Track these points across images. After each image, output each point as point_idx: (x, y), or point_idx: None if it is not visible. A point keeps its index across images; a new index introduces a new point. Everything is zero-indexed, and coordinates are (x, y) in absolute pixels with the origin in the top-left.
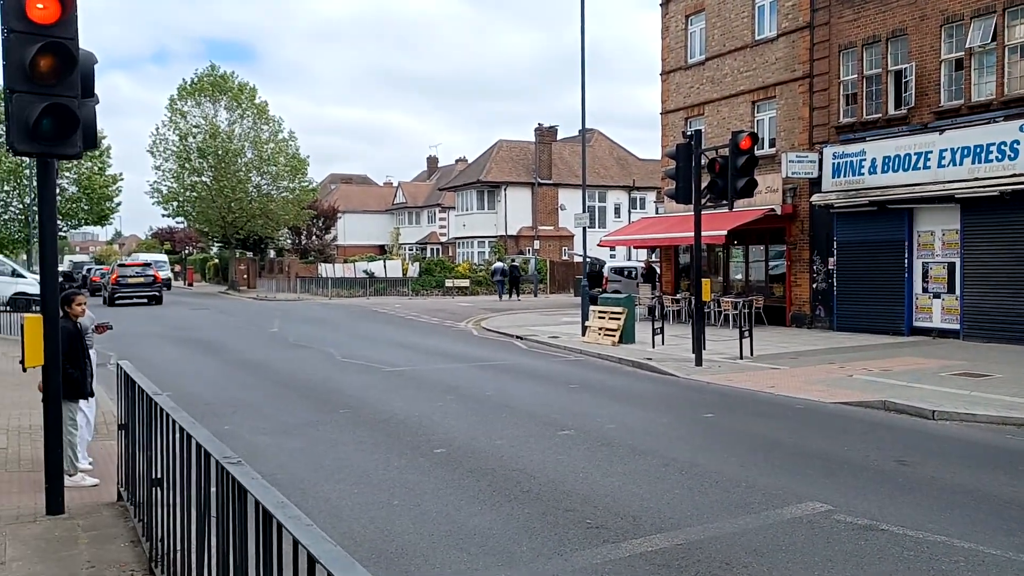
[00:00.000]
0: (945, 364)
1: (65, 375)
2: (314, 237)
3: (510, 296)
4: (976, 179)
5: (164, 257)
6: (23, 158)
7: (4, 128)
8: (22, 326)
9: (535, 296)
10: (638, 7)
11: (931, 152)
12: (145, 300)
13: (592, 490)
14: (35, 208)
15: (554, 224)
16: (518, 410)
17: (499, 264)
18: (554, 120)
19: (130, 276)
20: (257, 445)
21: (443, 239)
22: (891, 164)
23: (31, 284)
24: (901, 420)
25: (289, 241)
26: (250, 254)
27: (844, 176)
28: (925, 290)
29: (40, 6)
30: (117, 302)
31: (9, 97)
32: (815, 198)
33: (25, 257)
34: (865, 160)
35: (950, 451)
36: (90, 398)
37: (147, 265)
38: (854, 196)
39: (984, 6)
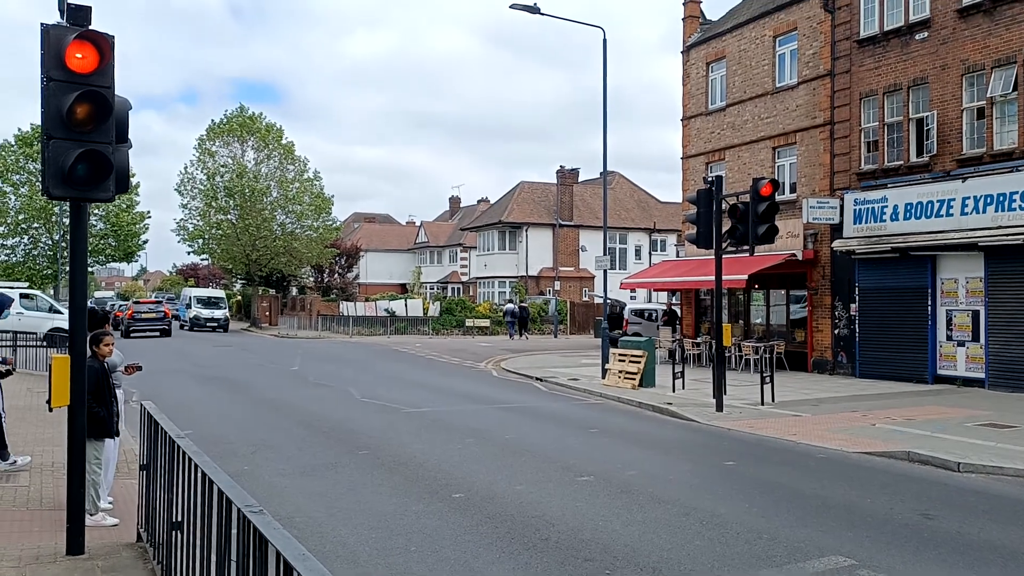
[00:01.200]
0: (970, 414)
1: (91, 414)
2: (336, 275)
3: (520, 335)
4: (1000, 227)
5: (222, 294)
6: None
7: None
8: (50, 365)
9: (555, 337)
10: (661, 51)
11: (954, 200)
12: (157, 333)
13: (612, 539)
14: (63, 244)
15: (575, 265)
16: (537, 454)
17: (510, 306)
18: (576, 161)
19: (143, 312)
20: (276, 486)
21: (464, 279)
22: (913, 211)
23: (67, 320)
24: (925, 471)
25: (312, 279)
26: (273, 291)
27: (866, 222)
28: (949, 338)
29: (79, 56)
30: (132, 335)
31: (46, 143)
32: (836, 244)
33: (52, 292)
34: (887, 207)
35: (976, 505)
36: (115, 438)
37: (158, 303)
38: (876, 242)
39: (1005, 56)
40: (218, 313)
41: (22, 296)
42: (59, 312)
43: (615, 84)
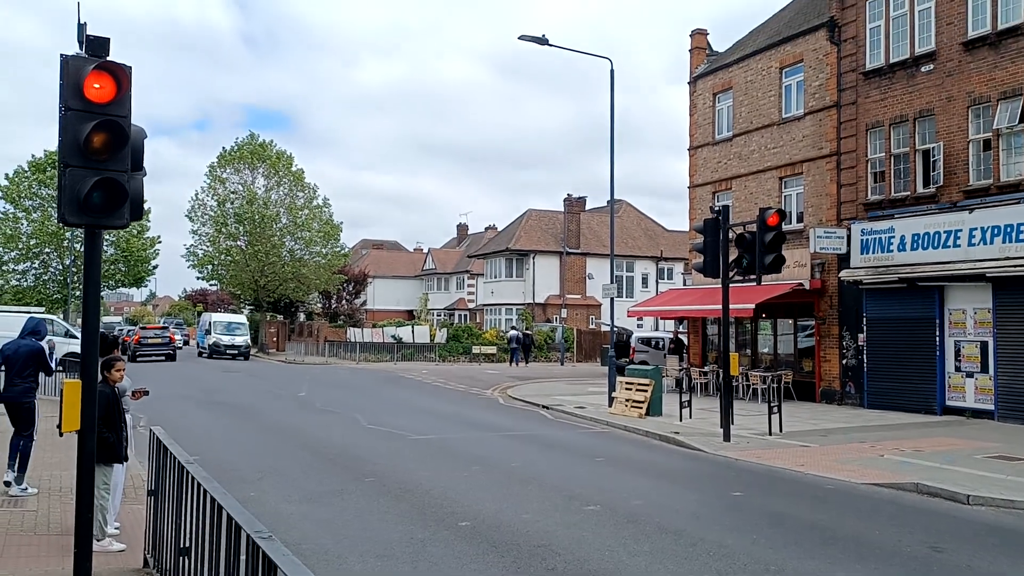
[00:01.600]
0: (979, 446)
1: (100, 439)
2: (344, 301)
3: (526, 362)
4: (1007, 258)
5: (243, 319)
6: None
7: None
8: (61, 390)
9: (561, 364)
10: (669, 80)
11: (961, 231)
12: (163, 358)
13: (618, 569)
14: (74, 269)
15: (581, 293)
16: (544, 483)
17: (514, 332)
18: (584, 189)
19: (150, 337)
20: (282, 513)
21: (471, 305)
22: (920, 242)
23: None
24: (934, 504)
25: (320, 305)
26: (280, 317)
27: (873, 252)
28: (958, 369)
29: (97, 86)
30: (139, 359)
31: (63, 171)
32: (844, 274)
33: (63, 316)
34: (894, 237)
35: (986, 538)
36: (124, 463)
37: (164, 328)
38: (883, 273)
39: (1011, 88)
40: (239, 339)
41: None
42: (75, 337)
43: (623, 111)
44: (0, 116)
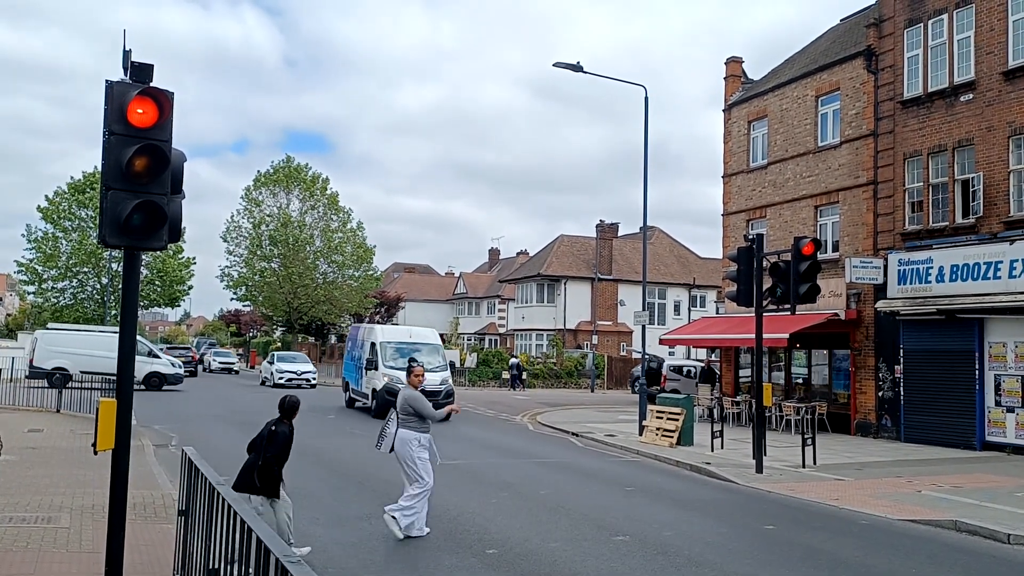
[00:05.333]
0: (1021, 484)
1: (273, 475)
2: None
3: (523, 387)
4: None
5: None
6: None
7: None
8: (97, 408)
9: (592, 391)
10: (705, 105)
11: (1001, 262)
12: (187, 374)
13: None
14: (110, 289)
15: (613, 319)
16: (573, 511)
17: (514, 360)
18: (617, 214)
19: (176, 356)
20: (310, 536)
21: (501, 330)
22: (959, 273)
23: (164, 364)
24: (973, 542)
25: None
26: (312, 339)
27: (910, 283)
28: (998, 403)
29: (140, 111)
30: None
31: (105, 193)
32: (880, 304)
33: None
34: (932, 268)
35: None
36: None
37: (187, 348)
38: (921, 304)
39: None
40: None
41: None
42: (157, 356)
43: (661, 136)
44: (47, 136)
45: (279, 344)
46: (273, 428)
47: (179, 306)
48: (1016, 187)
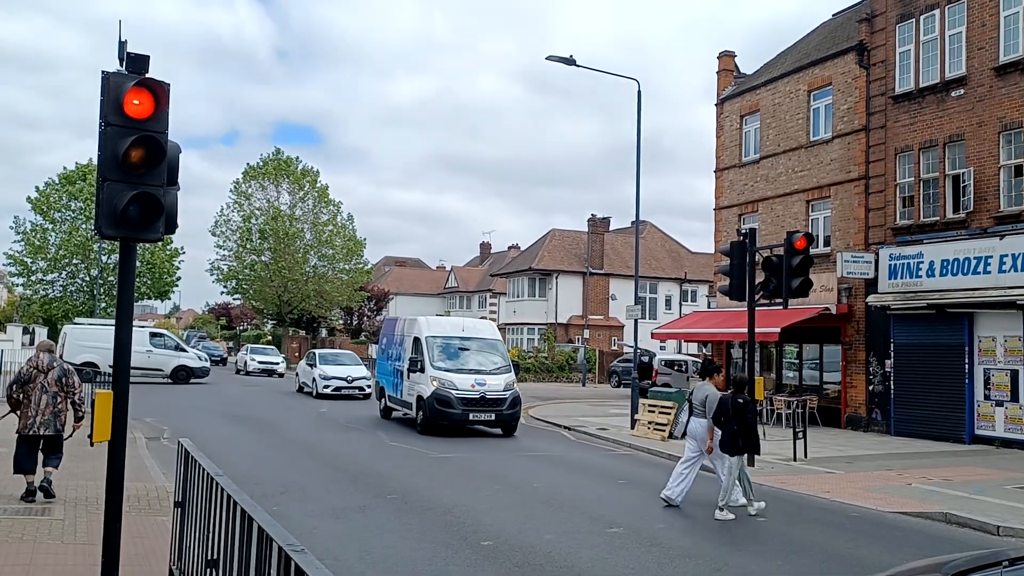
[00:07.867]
0: (1010, 476)
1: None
2: (366, 318)
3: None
4: None
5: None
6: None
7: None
8: (93, 400)
9: (583, 385)
10: (698, 99)
11: (991, 257)
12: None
13: None
14: (100, 280)
15: (604, 314)
16: (566, 504)
17: None
18: (609, 208)
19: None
20: (306, 528)
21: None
22: (950, 268)
23: (191, 358)
24: (964, 534)
25: (341, 321)
26: (302, 332)
27: (901, 278)
28: (987, 397)
29: (136, 102)
30: None
31: (101, 184)
32: (871, 299)
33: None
34: (923, 263)
35: None
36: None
37: (217, 345)
38: (912, 298)
39: None
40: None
41: (151, 335)
42: (184, 350)
43: (655, 130)
44: (38, 127)
45: (269, 338)
46: (740, 401)
47: (169, 299)
48: (1006, 182)
